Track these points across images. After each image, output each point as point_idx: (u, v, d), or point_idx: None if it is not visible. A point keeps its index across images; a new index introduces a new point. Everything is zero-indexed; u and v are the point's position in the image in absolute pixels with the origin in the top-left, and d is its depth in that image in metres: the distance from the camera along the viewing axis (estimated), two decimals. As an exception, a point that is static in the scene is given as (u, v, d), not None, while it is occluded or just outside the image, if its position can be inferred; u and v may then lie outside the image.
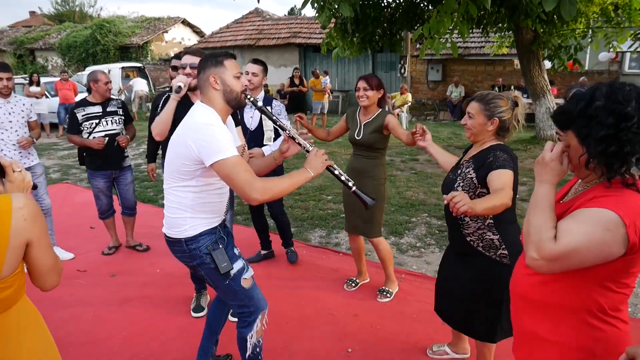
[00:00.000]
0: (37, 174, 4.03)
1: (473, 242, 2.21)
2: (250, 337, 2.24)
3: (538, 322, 1.45)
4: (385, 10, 8.45)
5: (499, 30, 9.71)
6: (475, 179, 2.14)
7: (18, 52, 26.33)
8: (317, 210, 5.58)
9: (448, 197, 1.77)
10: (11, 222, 1.26)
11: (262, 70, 3.63)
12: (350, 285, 3.60)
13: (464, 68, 15.95)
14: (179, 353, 2.81)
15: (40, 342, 1.45)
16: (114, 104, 4.13)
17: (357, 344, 2.89)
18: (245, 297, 2.18)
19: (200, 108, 2.02)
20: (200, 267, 2.11)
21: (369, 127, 3.19)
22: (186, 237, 2.06)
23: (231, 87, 2.03)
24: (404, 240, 4.63)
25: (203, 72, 2.02)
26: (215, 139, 1.88)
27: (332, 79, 16.99)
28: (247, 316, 2.22)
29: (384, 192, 3.30)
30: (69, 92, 12.25)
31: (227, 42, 19.36)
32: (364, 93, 3.15)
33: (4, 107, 3.80)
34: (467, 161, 2.24)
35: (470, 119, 2.21)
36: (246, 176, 1.86)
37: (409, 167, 7.95)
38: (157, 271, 3.98)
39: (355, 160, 3.32)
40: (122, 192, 4.31)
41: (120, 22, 25.22)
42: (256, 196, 1.87)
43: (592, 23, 9.31)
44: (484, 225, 2.17)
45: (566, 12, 4.91)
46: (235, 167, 1.87)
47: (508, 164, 2.06)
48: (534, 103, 9.71)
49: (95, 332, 3.05)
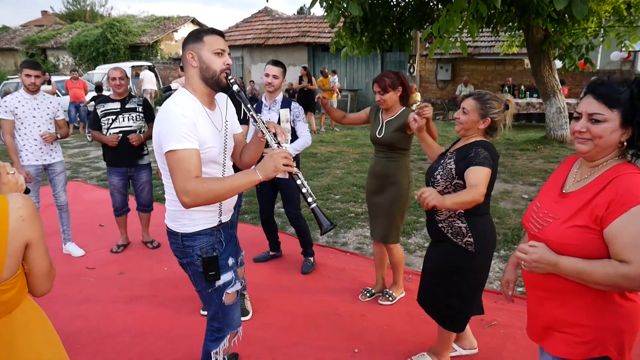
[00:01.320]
0: (56, 171, 4.14)
1: (444, 228, 2.34)
2: (215, 353, 2.13)
3: (563, 309, 1.50)
4: (394, 9, 8.41)
5: (509, 29, 9.64)
6: (454, 170, 2.24)
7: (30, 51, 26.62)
8: (324, 209, 5.57)
9: (418, 192, 1.95)
10: (9, 223, 1.24)
11: (281, 72, 3.58)
12: (365, 296, 3.44)
13: (474, 67, 15.86)
14: (186, 351, 2.82)
15: (47, 341, 1.45)
16: (134, 101, 4.17)
17: (364, 344, 2.88)
18: (221, 311, 2.07)
19: (175, 94, 1.89)
20: (188, 266, 2.02)
21: (391, 125, 3.05)
22: (184, 232, 1.95)
23: (207, 65, 1.85)
24: (412, 240, 4.61)
25: (185, 48, 1.89)
26: (171, 127, 1.73)
27: (341, 78, 16.98)
28: (217, 331, 2.12)
29: (408, 197, 3.13)
30: (79, 91, 12.37)
31: (237, 41, 19.42)
32: (380, 97, 3.03)
33: (30, 103, 3.91)
34: (452, 153, 2.35)
35: (464, 115, 2.29)
36: (183, 175, 1.70)
37: (417, 167, 7.92)
38: (165, 269, 4.00)
39: (377, 163, 3.19)
40: (137, 190, 4.35)
41: (131, 21, 25.42)
42: (184, 200, 1.71)
43: (604, 22, 9.20)
44: (454, 214, 2.30)
45: (578, 11, 4.85)
46: (179, 162, 1.72)
47: (487, 161, 2.14)
48: (545, 103, 9.63)
49: (103, 329, 3.07)
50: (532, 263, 1.44)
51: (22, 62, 3.95)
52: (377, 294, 3.47)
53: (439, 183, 2.30)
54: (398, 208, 3.13)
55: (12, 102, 3.86)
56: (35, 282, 1.37)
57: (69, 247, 4.33)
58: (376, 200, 3.21)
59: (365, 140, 10.44)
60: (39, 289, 1.40)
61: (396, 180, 3.10)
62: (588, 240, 1.39)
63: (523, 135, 10.66)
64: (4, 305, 1.30)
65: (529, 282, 1.62)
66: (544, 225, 1.52)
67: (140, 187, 4.32)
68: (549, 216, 1.52)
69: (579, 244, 1.40)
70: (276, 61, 3.63)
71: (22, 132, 3.91)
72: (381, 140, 3.11)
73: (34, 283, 1.38)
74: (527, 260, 1.45)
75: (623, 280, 1.32)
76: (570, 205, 1.47)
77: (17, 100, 3.87)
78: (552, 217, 1.50)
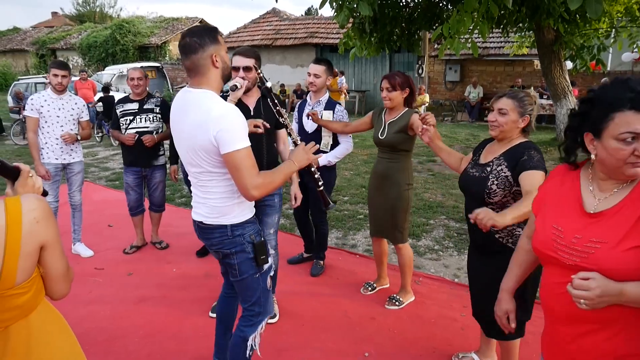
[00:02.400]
0: (74, 171, 4.19)
1: (502, 238, 2.19)
2: (253, 338, 2.19)
3: (616, 340, 1.32)
4: (404, 9, 8.37)
5: (519, 29, 9.55)
6: (511, 177, 2.10)
7: (40, 52, 26.89)
8: (333, 211, 5.53)
9: (472, 215, 1.82)
10: (22, 226, 1.21)
11: (324, 71, 3.44)
12: (367, 289, 3.51)
13: (483, 68, 15.76)
14: (195, 353, 2.81)
15: (66, 346, 1.42)
16: (152, 102, 4.19)
17: (374, 348, 2.85)
18: (263, 295, 2.16)
19: (206, 95, 1.91)
20: (235, 255, 2.07)
21: (394, 126, 3.06)
22: (233, 223, 2.03)
23: (227, 64, 2.01)
24: (422, 243, 4.57)
25: (202, 51, 1.89)
26: (234, 128, 1.83)
27: (349, 79, 16.95)
28: (255, 316, 2.19)
29: (408, 198, 3.13)
30: (88, 92, 12.46)
31: (245, 42, 19.46)
32: (387, 94, 3.03)
33: (55, 103, 3.98)
34: (497, 158, 2.18)
35: (502, 116, 2.15)
36: (250, 172, 1.85)
37: (427, 169, 7.87)
38: (174, 270, 3.99)
39: (379, 162, 3.21)
40: (150, 190, 4.36)
41: (139, 22, 25.61)
42: (254, 193, 1.86)
43: (615, 22, 9.09)
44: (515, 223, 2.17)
45: (592, 11, 4.78)
46: (244, 160, 1.84)
47: (541, 164, 2.05)
48: (555, 104, 9.53)
49: (112, 330, 3.06)
50: (596, 299, 1.23)
51: (50, 62, 4.06)
52: (378, 288, 3.51)
53: (496, 193, 2.13)
54: (399, 208, 3.12)
55: (38, 101, 3.92)
56: (52, 284, 1.35)
57: (77, 248, 4.34)
58: (377, 199, 3.22)
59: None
60: (57, 291, 1.38)
61: (396, 180, 3.10)
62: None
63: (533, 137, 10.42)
64: (19, 309, 1.28)
65: (568, 317, 1.38)
66: (590, 252, 1.31)
67: (153, 186, 4.33)
68: (590, 241, 1.31)
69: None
70: (319, 59, 3.53)
71: (45, 130, 3.97)
72: (383, 141, 3.11)
73: (51, 286, 1.36)
74: (591, 297, 1.23)
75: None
76: (615, 226, 1.30)
77: (44, 99, 3.94)
78: (599, 241, 1.30)
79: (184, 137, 1.97)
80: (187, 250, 4.39)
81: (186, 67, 1.94)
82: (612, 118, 1.27)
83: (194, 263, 4.13)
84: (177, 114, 2.01)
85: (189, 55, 1.90)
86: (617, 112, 1.25)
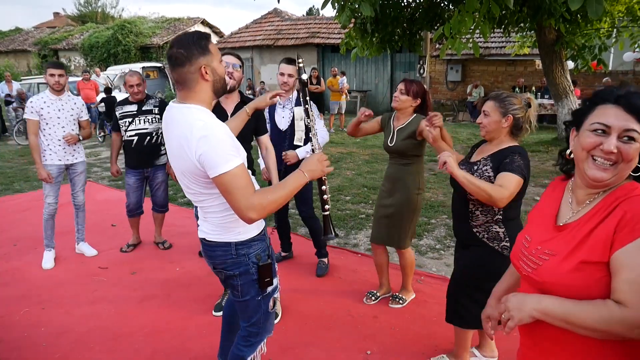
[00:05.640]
0: (77, 171, 4.21)
1: (479, 233, 2.33)
2: (252, 358, 2.09)
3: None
4: (405, 9, 8.39)
5: (521, 29, 9.56)
6: (493, 177, 2.20)
7: (42, 52, 26.92)
8: (335, 210, 5.56)
9: (440, 161, 2.07)
10: None
11: (296, 70, 3.40)
12: (370, 299, 3.41)
13: (484, 68, 15.76)
14: (199, 351, 2.83)
15: None
16: (150, 103, 4.20)
17: (377, 346, 2.87)
18: (263, 317, 2.03)
19: (190, 112, 1.70)
20: (239, 277, 1.91)
21: (402, 133, 3.05)
22: (238, 240, 1.86)
23: (220, 76, 1.78)
24: (423, 242, 4.59)
25: (189, 64, 1.69)
26: (218, 148, 1.61)
27: (351, 79, 16.96)
28: (254, 336, 2.07)
29: (417, 202, 3.11)
30: (91, 92, 12.51)
31: (246, 42, 19.49)
32: (398, 95, 3.03)
33: (55, 104, 3.97)
34: (485, 159, 2.29)
35: (485, 117, 2.28)
36: (246, 192, 1.63)
37: (428, 168, 7.88)
38: (177, 269, 4.02)
39: (390, 166, 3.21)
40: (153, 190, 4.39)
41: (141, 22, 25.62)
42: (251, 215, 1.64)
43: (617, 22, 9.11)
44: (492, 220, 2.29)
45: (593, 11, 4.79)
46: (235, 181, 1.62)
47: (521, 170, 2.13)
48: (556, 104, 9.55)
49: (116, 329, 3.09)
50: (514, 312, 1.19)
51: (46, 63, 4.03)
52: (381, 296, 3.45)
53: None
54: (407, 212, 3.11)
55: (37, 103, 3.91)
56: None
57: (81, 247, 4.37)
58: (385, 202, 3.20)
59: (375, 141, 10.41)
60: None
61: (406, 184, 3.09)
62: (596, 281, 1.14)
63: (534, 137, 10.55)
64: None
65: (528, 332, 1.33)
66: (538, 264, 1.26)
67: (156, 187, 4.36)
68: (544, 252, 1.26)
69: (585, 284, 1.15)
70: (290, 59, 3.54)
71: (47, 132, 3.97)
72: (392, 148, 3.12)
73: None
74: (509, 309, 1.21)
75: (620, 326, 1.07)
76: (570, 239, 1.23)
77: (43, 101, 3.93)
78: (549, 253, 1.25)
79: (173, 156, 1.81)
80: (191, 249, 4.42)
81: (174, 80, 1.76)
82: (593, 110, 1.24)
83: (197, 262, 4.15)
84: (165, 131, 1.87)
85: (175, 67, 1.71)
86: (600, 105, 1.22)
